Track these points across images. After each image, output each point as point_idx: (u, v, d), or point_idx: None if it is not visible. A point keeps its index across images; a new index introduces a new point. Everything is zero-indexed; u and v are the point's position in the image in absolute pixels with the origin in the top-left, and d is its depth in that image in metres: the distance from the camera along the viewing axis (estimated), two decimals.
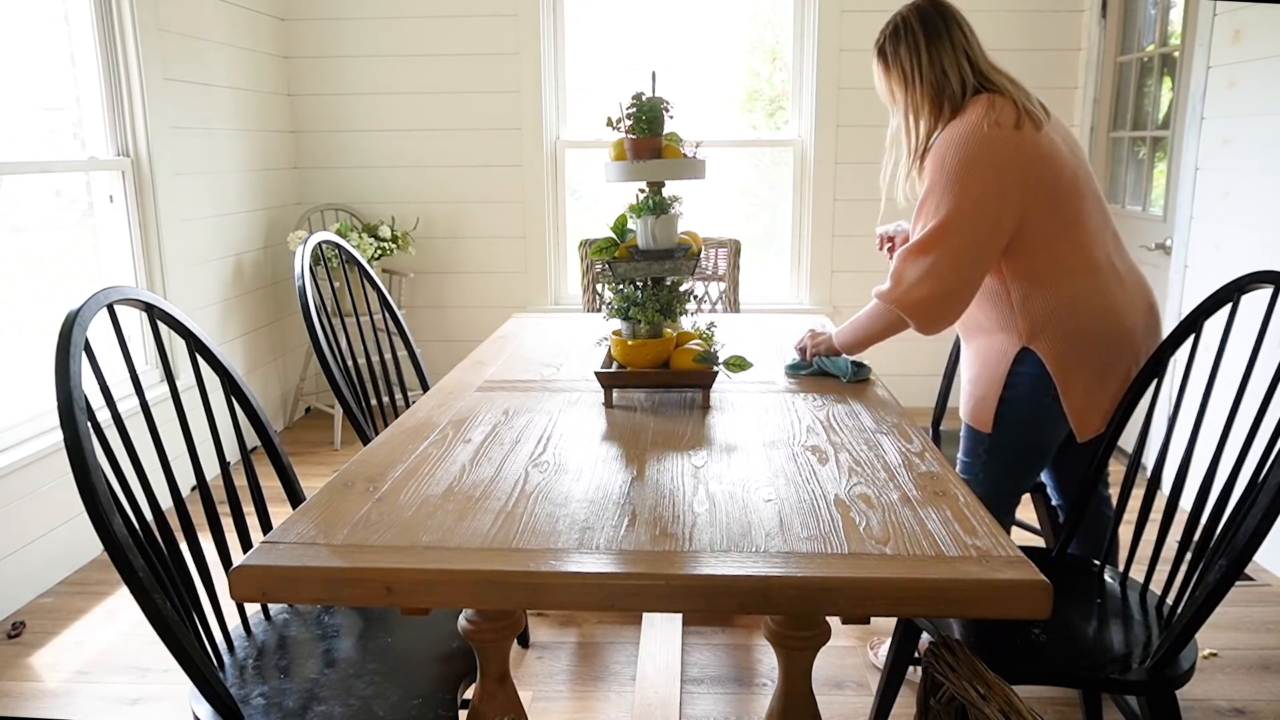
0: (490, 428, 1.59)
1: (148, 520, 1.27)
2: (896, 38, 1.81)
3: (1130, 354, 1.75)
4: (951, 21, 1.79)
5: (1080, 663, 1.43)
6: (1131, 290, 1.76)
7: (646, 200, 1.79)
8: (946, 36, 1.77)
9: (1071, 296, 1.71)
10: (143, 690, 2.17)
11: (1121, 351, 1.74)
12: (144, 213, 3.20)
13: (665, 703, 2.02)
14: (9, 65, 2.76)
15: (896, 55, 1.82)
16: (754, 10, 4.21)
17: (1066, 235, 1.71)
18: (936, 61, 1.77)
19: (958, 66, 1.77)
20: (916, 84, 1.79)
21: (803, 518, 1.19)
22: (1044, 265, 1.72)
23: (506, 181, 4.22)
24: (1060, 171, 1.70)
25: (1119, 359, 1.74)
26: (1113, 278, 1.74)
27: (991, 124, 1.68)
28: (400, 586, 1.06)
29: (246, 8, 3.81)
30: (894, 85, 1.85)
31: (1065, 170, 1.71)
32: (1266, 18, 2.68)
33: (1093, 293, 1.72)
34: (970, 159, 1.67)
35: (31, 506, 2.63)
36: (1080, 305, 1.71)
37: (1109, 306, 1.72)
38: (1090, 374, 1.73)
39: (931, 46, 1.77)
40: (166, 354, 1.44)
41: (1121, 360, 1.74)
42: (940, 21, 1.78)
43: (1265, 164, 2.70)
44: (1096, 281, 1.72)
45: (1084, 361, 1.72)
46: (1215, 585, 1.28)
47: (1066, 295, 1.71)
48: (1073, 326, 1.71)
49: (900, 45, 1.81)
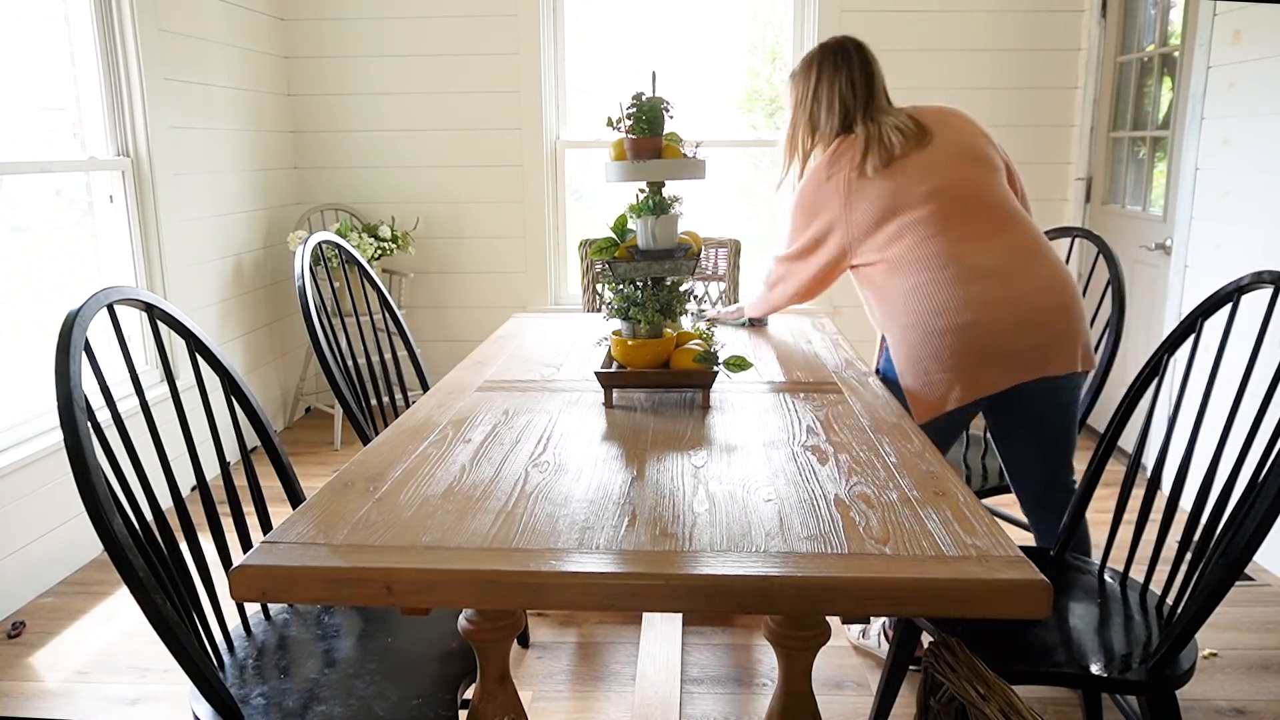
0: (490, 428, 1.59)
1: (148, 520, 1.27)
2: (802, 68, 2.08)
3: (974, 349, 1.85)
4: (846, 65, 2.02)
5: (1080, 663, 1.43)
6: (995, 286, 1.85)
7: (646, 200, 1.79)
8: (835, 78, 2.01)
9: (902, 295, 1.91)
10: (143, 690, 2.17)
11: (955, 345, 1.86)
12: (144, 213, 3.20)
13: (665, 703, 2.02)
14: (9, 65, 2.76)
15: (795, 82, 2.09)
16: (754, 10, 4.21)
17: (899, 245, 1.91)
18: (819, 99, 2.03)
19: (831, 110, 2.01)
20: (797, 113, 2.08)
21: (803, 517, 1.19)
22: (881, 272, 1.95)
23: (506, 181, 4.22)
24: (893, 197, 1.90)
25: (953, 352, 1.86)
26: (962, 277, 1.85)
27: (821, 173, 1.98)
28: (400, 586, 1.06)
29: (246, 8, 3.81)
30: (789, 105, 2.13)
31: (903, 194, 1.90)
32: (1266, 18, 2.68)
33: (923, 290, 1.88)
34: (806, 205, 2.01)
35: (31, 506, 2.63)
36: (909, 303, 1.90)
37: (942, 303, 1.86)
38: (917, 363, 1.90)
39: (819, 86, 2.03)
40: (166, 354, 1.44)
41: (956, 354, 1.86)
42: (835, 63, 2.02)
43: (1265, 164, 2.70)
44: (931, 280, 1.87)
45: (912, 351, 1.91)
46: (1215, 585, 1.28)
47: (899, 293, 1.92)
48: (905, 320, 1.91)
49: (800, 74, 2.08)
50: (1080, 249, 3.95)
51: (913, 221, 1.90)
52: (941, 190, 1.91)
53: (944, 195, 1.90)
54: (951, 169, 1.93)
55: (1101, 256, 2.18)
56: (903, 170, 1.92)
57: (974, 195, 1.92)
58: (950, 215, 1.90)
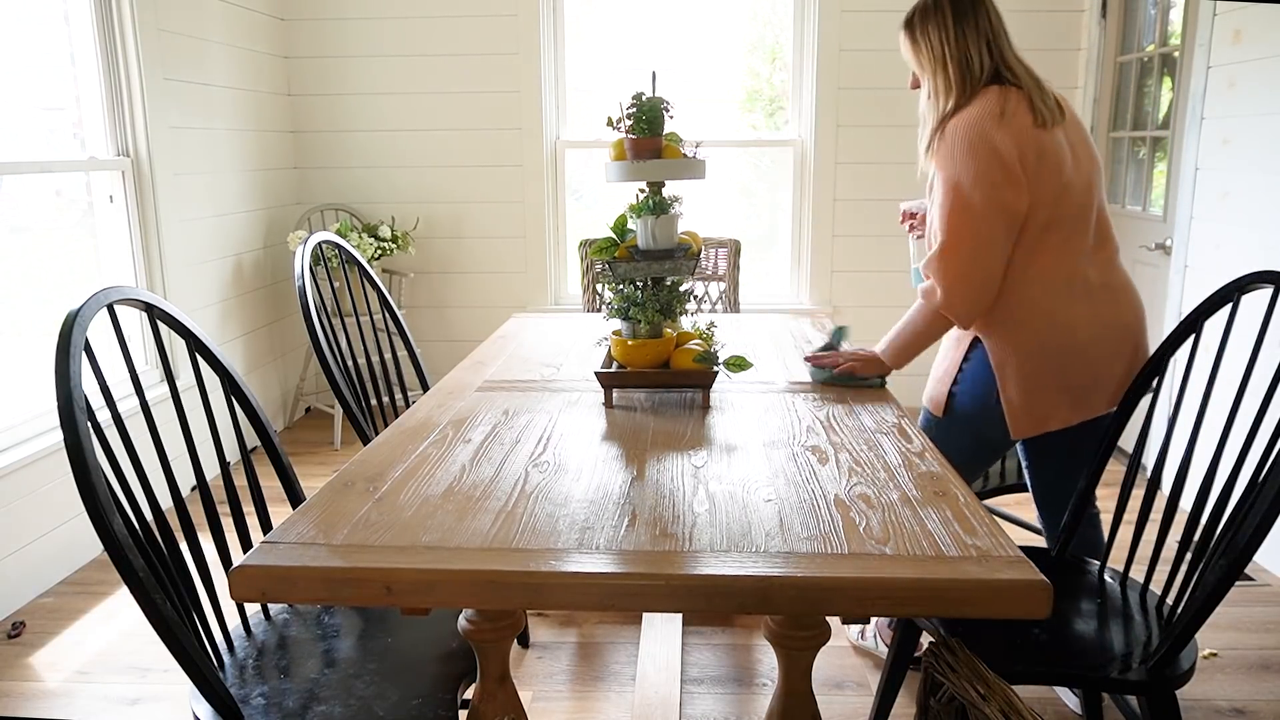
0: (490, 428, 1.59)
1: (148, 520, 1.27)
2: (925, 15, 1.83)
3: (1086, 371, 1.76)
4: (981, 6, 1.80)
5: (1080, 663, 1.43)
6: (1101, 307, 1.77)
7: (646, 200, 1.79)
8: (973, 20, 1.79)
9: (1024, 301, 1.76)
10: (143, 690, 2.17)
11: (1067, 365, 1.76)
12: (144, 213, 3.20)
13: (665, 703, 2.02)
14: (9, 65, 2.76)
15: (925, 33, 1.83)
16: (754, 10, 4.21)
17: (1036, 241, 1.74)
18: (962, 43, 1.78)
19: (979, 52, 1.78)
20: (942, 63, 1.81)
21: (803, 518, 1.19)
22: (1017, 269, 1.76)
23: (507, 181, 4.22)
24: (1053, 175, 1.71)
25: (1062, 371, 1.76)
26: (1078, 292, 1.75)
27: (995, 115, 1.70)
28: (400, 586, 1.06)
29: (246, 8, 3.81)
30: (921, 62, 1.86)
31: (1059, 175, 1.72)
32: (1266, 18, 2.68)
33: (1047, 302, 1.75)
34: (976, 150, 1.69)
35: (31, 506, 2.63)
36: (1030, 311, 1.76)
37: (1062, 319, 1.75)
38: (1027, 376, 1.77)
39: (958, 28, 1.79)
40: (166, 354, 1.44)
41: (1066, 373, 1.76)
42: (970, 5, 1.80)
43: (1265, 164, 2.70)
44: (1055, 292, 1.75)
45: (1024, 363, 1.77)
46: (1215, 585, 1.28)
47: (1019, 299, 1.76)
48: (1021, 330, 1.77)
49: (929, 23, 1.82)
50: None
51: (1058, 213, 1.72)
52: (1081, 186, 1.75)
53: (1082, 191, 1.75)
54: (1084, 164, 1.78)
55: None
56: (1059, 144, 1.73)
57: (1095, 199, 1.79)
58: (1081, 217, 1.76)
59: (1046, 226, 1.73)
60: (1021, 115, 1.71)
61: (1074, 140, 1.78)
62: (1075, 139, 1.78)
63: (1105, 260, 1.80)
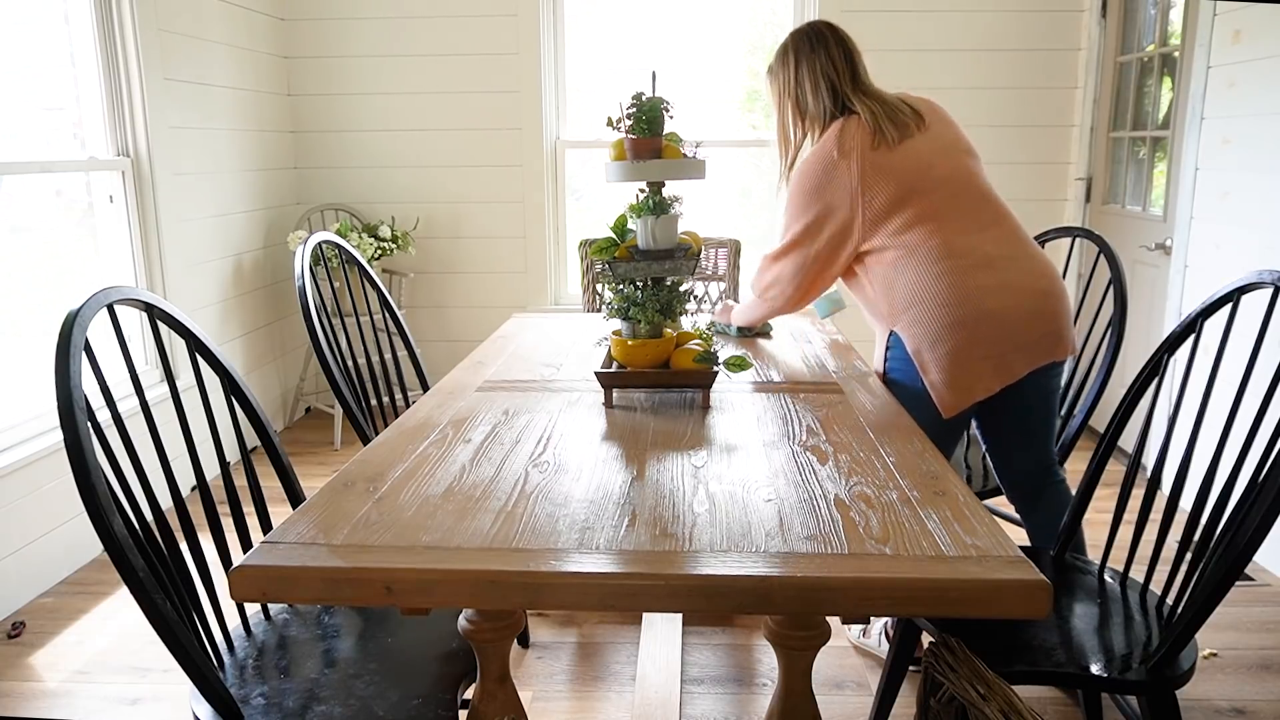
0: (490, 428, 1.59)
1: (148, 520, 1.27)
2: (777, 57, 2.04)
3: (1000, 336, 1.83)
4: (823, 46, 1.98)
5: (1080, 663, 1.43)
6: (1006, 274, 1.84)
7: (646, 200, 1.79)
8: (814, 59, 1.97)
9: (920, 284, 1.85)
10: (143, 690, 2.17)
11: (980, 334, 1.83)
12: (144, 213, 3.20)
13: (665, 703, 2.02)
14: (9, 65, 2.76)
15: (774, 74, 2.06)
16: (754, 10, 4.21)
17: (914, 232, 1.86)
18: (803, 83, 1.99)
19: (818, 90, 1.97)
20: (784, 100, 2.04)
21: (803, 518, 1.19)
22: (891, 260, 1.89)
23: (506, 181, 4.22)
24: (897, 182, 1.86)
25: (977, 341, 1.83)
26: (976, 263, 1.84)
27: (829, 152, 1.90)
28: (400, 586, 1.06)
29: (246, 8, 3.81)
30: (772, 99, 2.09)
31: (905, 180, 1.86)
32: (1266, 18, 2.68)
33: (944, 279, 1.83)
34: (810, 187, 1.92)
35: (31, 506, 2.63)
36: (930, 291, 1.84)
37: (965, 292, 1.82)
38: (943, 354, 1.85)
39: (799, 69, 1.99)
40: (166, 354, 1.44)
41: (982, 342, 1.83)
42: (812, 44, 1.98)
43: (1265, 164, 2.70)
44: (950, 269, 1.83)
45: (936, 342, 1.85)
46: (1215, 586, 1.28)
47: (915, 283, 1.86)
48: (925, 311, 1.85)
49: (777, 64, 2.04)
50: (1081, 249, 3.95)
51: (926, 207, 1.87)
52: (949, 179, 1.89)
53: (951, 183, 1.89)
54: (952, 159, 1.92)
55: (1103, 256, 2.18)
56: (915, 152, 1.89)
57: (973, 186, 1.92)
58: (957, 204, 1.88)
59: (914, 222, 1.86)
60: (861, 140, 1.88)
61: (940, 140, 1.93)
62: (942, 139, 1.93)
63: (1002, 235, 1.89)
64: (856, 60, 1.99)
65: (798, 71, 1.99)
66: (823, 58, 1.96)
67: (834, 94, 1.96)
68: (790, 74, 2.00)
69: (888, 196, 1.87)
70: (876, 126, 1.88)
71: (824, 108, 1.96)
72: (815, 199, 1.92)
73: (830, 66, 1.96)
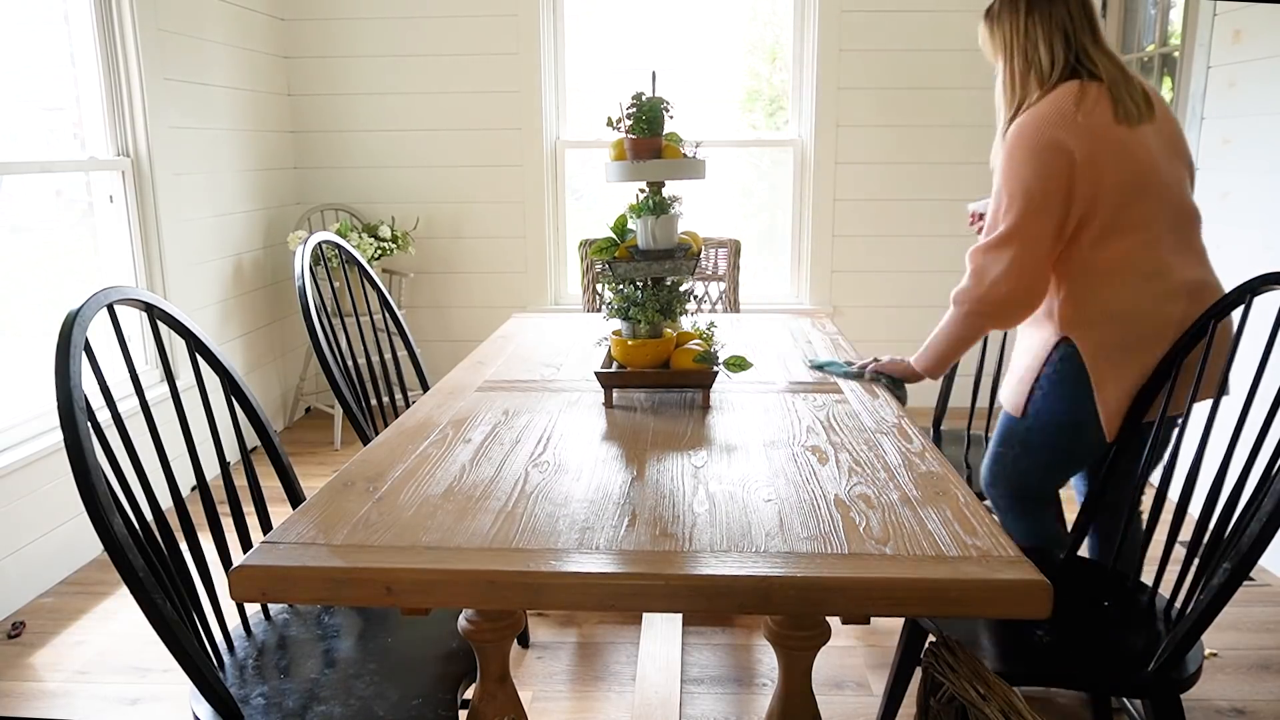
0: (490, 428, 1.59)
1: (148, 520, 1.27)
2: (1004, 4, 1.79)
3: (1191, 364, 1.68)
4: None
5: (1083, 664, 1.42)
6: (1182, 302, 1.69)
7: (646, 200, 1.79)
8: (1049, 11, 1.73)
9: (1111, 297, 1.69)
10: (143, 690, 2.17)
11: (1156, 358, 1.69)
12: (144, 213, 3.20)
13: (665, 703, 2.02)
14: (9, 65, 2.76)
15: (1000, 21, 1.80)
16: (754, 10, 4.21)
17: (1119, 236, 1.67)
18: (1032, 34, 1.74)
19: (1051, 44, 1.72)
20: (1011, 54, 1.77)
21: (803, 518, 1.19)
22: (1089, 263, 1.69)
23: (506, 181, 4.22)
24: (1133, 172, 1.65)
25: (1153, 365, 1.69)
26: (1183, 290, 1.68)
27: (1065, 113, 1.65)
28: (400, 586, 1.06)
29: (246, 8, 3.81)
30: (995, 50, 1.82)
31: (1139, 171, 1.66)
32: (1266, 18, 2.68)
33: (1133, 296, 1.68)
34: (1040, 147, 1.65)
35: (31, 506, 2.63)
36: (1118, 307, 1.69)
37: (1149, 312, 1.68)
38: (1125, 374, 1.70)
39: (1030, 18, 1.74)
40: (166, 354, 1.44)
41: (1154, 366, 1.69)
42: None
43: (1265, 164, 2.70)
44: (1163, 292, 1.68)
45: (1121, 360, 1.70)
46: (1220, 588, 1.27)
47: (1106, 294, 1.69)
48: (1122, 328, 1.69)
49: (1005, 12, 1.79)
50: None
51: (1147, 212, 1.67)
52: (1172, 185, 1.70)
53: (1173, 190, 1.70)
54: (1174, 165, 1.72)
55: None
56: (1146, 143, 1.67)
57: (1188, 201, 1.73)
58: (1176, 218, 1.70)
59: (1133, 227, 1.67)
60: (1100, 111, 1.65)
61: (1166, 138, 1.72)
62: (1167, 137, 1.72)
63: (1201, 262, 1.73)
64: (1093, 15, 1.75)
65: (1028, 20, 1.74)
66: (1060, 8, 1.73)
67: (1069, 47, 1.72)
68: (1020, 22, 1.75)
69: (1118, 183, 1.64)
70: (1118, 98, 1.66)
71: (1056, 63, 1.72)
72: (1043, 154, 1.65)
73: (1068, 17, 1.73)
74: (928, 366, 1.87)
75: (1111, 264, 1.68)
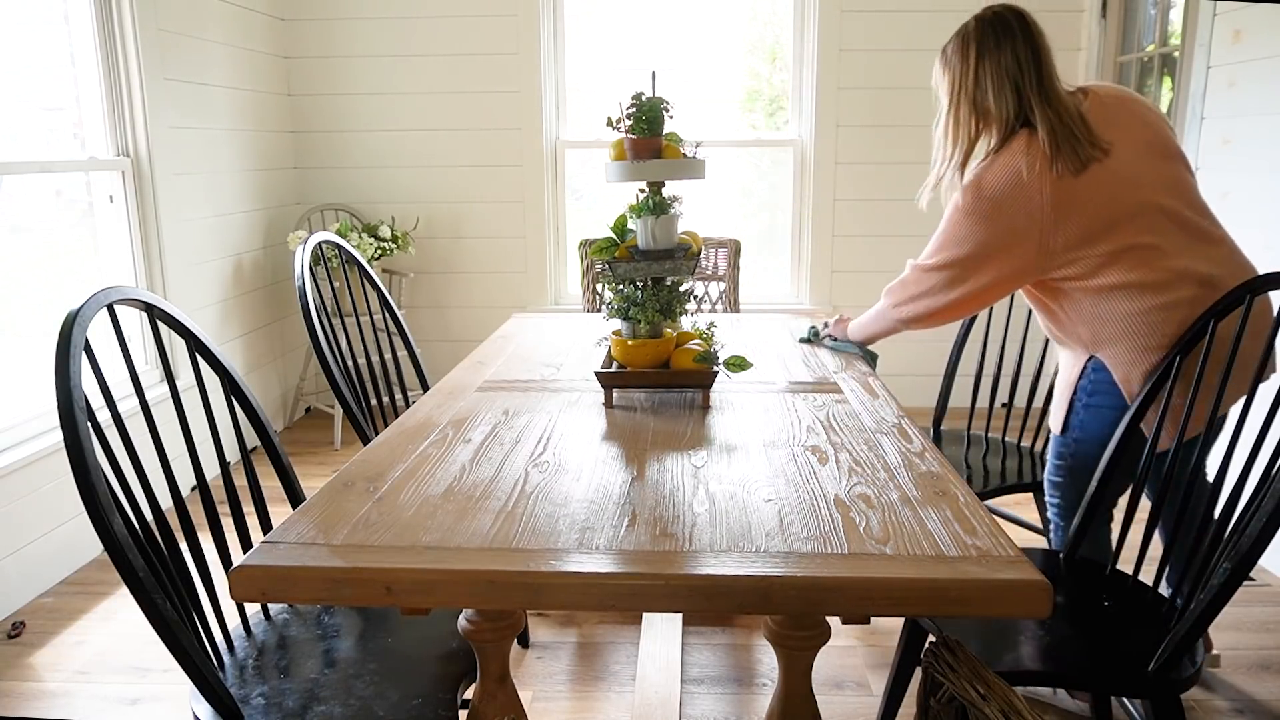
0: (490, 428, 1.59)
1: (148, 520, 1.27)
2: (957, 46, 1.80)
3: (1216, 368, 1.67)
4: (1010, 39, 1.73)
5: (1083, 664, 1.42)
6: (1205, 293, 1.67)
7: (646, 200, 1.79)
8: (998, 55, 1.73)
9: (1132, 320, 1.69)
10: (143, 690, 2.17)
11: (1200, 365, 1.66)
12: (144, 213, 3.20)
13: (665, 703, 2.02)
14: (9, 65, 2.76)
15: (949, 64, 1.81)
16: (754, 10, 4.21)
17: (1114, 263, 1.68)
18: (982, 82, 1.75)
19: (1001, 93, 1.73)
20: (958, 96, 1.79)
21: (803, 518, 1.19)
22: (1095, 292, 1.71)
23: (506, 181, 4.22)
24: (1100, 207, 1.65)
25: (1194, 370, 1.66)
26: (1181, 285, 1.67)
27: (1019, 169, 1.67)
28: (400, 586, 1.06)
29: (246, 8, 3.81)
30: (944, 90, 1.83)
31: (1108, 204, 1.66)
32: (1266, 18, 2.68)
33: (1147, 309, 1.68)
34: (997, 206, 1.69)
35: (31, 506, 2.63)
36: (1134, 325, 1.69)
37: (1168, 319, 1.67)
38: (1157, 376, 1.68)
39: (980, 64, 1.75)
40: (166, 354, 1.44)
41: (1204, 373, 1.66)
42: (998, 37, 1.74)
43: (1265, 164, 2.70)
44: (1168, 304, 1.67)
45: (1152, 366, 1.70)
46: (1220, 588, 1.27)
47: (1126, 318, 1.70)
48: (1136, 343, 1.70)
49: (955, 55, 1.80)
50: None
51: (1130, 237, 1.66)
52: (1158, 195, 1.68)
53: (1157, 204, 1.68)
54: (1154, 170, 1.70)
55: None
56: (1105, 179, 1.67)
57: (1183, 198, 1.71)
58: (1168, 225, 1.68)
59: (1118, 255, 1.67)
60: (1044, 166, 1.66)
61: (1145, 144, 1.71)
62: (1146, 142, 1.72)
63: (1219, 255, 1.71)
64: (1044, 58, 1.74)
65: (978, 68, 1.75)
66: (1008, 56, 1.73)
67: (1018, 96, 1.72)
68: (970, 69, 1.76)
69: (1081, 229, 1.66)
70: (1054, 151, 1.66)
71: (1006, 111, 1.73)
72: (996, 217, 1.69)
73: (1015, 65, 1.72)
74: (856, 337, 2.11)
75: (1116, 286, 1.69)
